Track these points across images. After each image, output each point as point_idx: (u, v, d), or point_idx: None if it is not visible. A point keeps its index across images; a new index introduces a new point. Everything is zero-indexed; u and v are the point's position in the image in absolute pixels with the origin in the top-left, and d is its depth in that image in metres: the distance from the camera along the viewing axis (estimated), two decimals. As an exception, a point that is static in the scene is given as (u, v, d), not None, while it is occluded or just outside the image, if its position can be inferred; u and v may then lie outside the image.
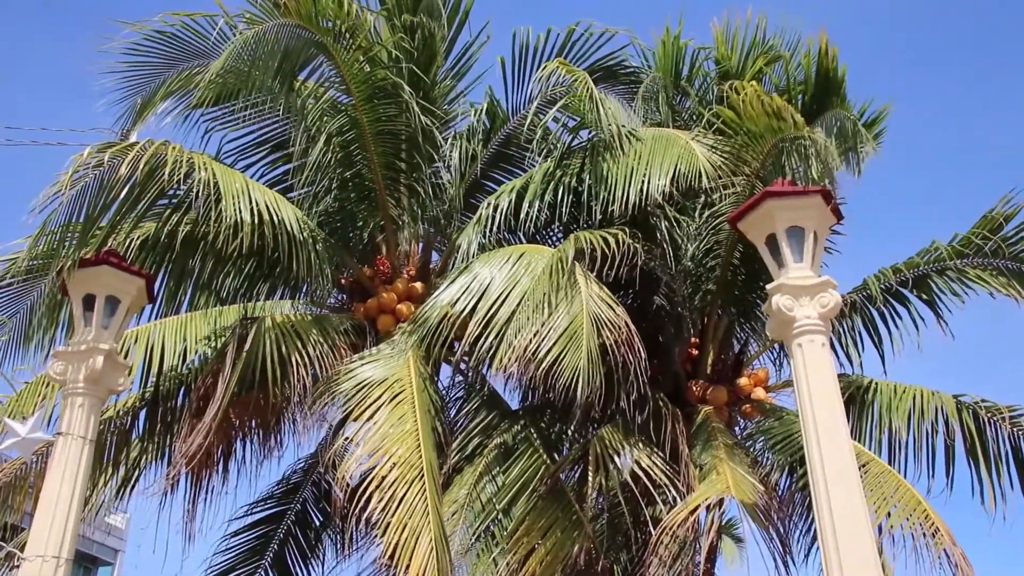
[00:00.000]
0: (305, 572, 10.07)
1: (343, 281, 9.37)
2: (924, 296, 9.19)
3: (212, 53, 8.19)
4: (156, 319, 8.87)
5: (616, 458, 8.22)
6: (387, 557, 7.00)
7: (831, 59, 9.03)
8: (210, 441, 8.05)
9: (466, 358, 8.86)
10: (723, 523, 9.87)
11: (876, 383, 9.07)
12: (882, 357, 9.42)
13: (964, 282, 8.97)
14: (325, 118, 8.96)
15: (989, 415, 8.61)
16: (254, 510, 10.02)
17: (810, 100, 9.11)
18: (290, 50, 8.34)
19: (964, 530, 8.69)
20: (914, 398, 8.79)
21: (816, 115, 8.92)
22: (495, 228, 8.73)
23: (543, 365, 7.30)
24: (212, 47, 8.22)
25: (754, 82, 8.33)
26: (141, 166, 6.91)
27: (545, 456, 8.59)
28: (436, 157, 9.43)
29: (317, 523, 10.11)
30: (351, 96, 8.73)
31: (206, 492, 9.26)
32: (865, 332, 9.51)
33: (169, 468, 8.76)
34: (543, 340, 7.40)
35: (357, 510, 7.13)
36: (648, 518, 8.09)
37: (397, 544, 6.85)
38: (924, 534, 7.60)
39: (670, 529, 7.32)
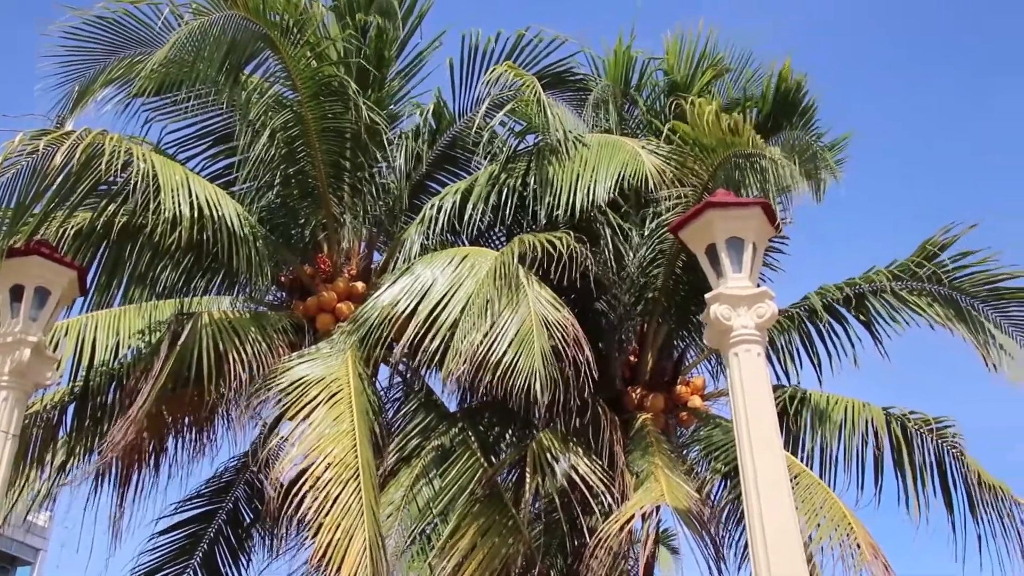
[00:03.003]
0: (235, 572, 9.92)
1: (283, 279, 9.26)
2: (861, 317, 9.37)
3: (156, 42, 8.05)
4: (88, 312, 8.67)
5: (554, 463, 8.23)
6: (319, 558, 6.91)
7: (795, 83, 9.13)
8: (141, 437, 7.90)
9: (406, 359, 8.82)
10: (659, 532, 9.93)
11: (809, 394, 9.21)
12: (818, 371, 9.59)
13: (899, 308, 9.18)
14: (270, 113, 8.85)
15: (916, 427, 8.79)
16: (184, 508, 9.84)
17: (764, 117, 9.19)
18: (237, 42, 8.22)
19: (892, 534, 8.87)
20: (845, 410, 8.94)
21: (771, 132, 9.05)
22: (438, 229, 8.72)
23: (497, 370, 7.29)
24: (156, 35, 8.08)
25: (714, 101, 8.41)
26: (78, 155, 6.75)
27: (483, 459, 8.58)
28: (381, 157, 9.38)
29: (249, 522, 9.97)
30: (297, 92, 8.65)
31: (136, 489, 9.10)
32: (803, 347, 9.66)
33: (95, 462, 8.57)
34: (494, 344, 7.40)
35: (291, 510, 7.05)
36: (584, 526, 8.12)
37: (330, 544, 6.78)
38: (848, 547, 7.74)
39: (605, 540, 7.35)
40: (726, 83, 9.51)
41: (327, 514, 6.92)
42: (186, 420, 9.17)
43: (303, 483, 7.06)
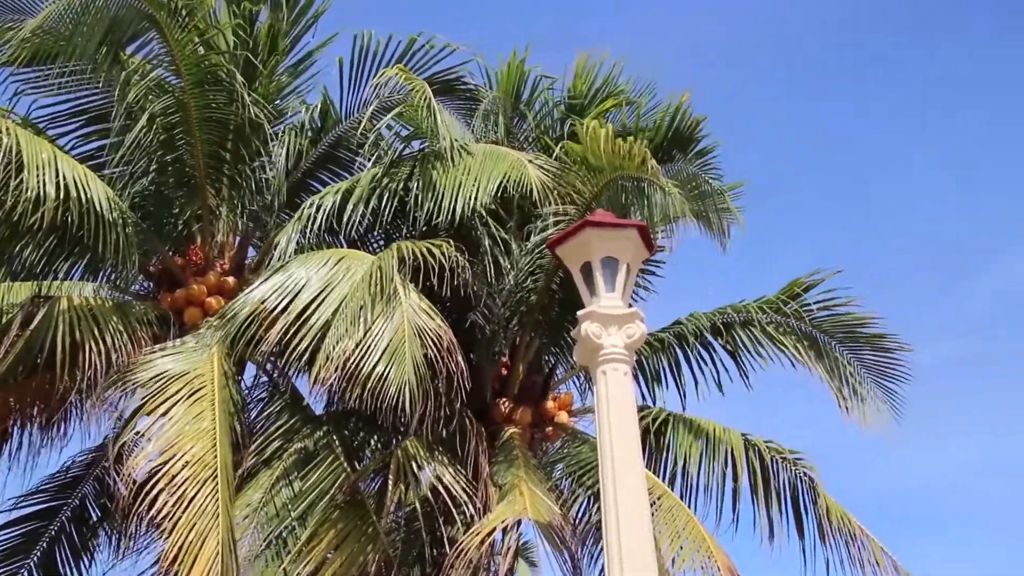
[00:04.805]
0: (75, 573, 9.46)
1: (151, 268, 8.96)
2: (728, 346, 9.65)
3: (31, 10, 7.73)
4: (-65, 289, 8.21)
5: (419, 471, 8.18)
6: (170, 559, 6.68)
7: (693, 121, 9.31)
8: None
9: (273, 359, 8.64)
10: (519, 545, 9.97)
11: (673, 416, 9.41)
12: (683, 396, 9.82)
13: (764, 342, 9.50)
14: (150, 97, 8.57)
15: (772, 456, 9.07)
16: (24, 503, 9.33)
17: (655, 147, 9.34)
18: (119, 19, 7.97)
19: (748, 558, 9.12)
20: (707, 434, 9.16)
21: (661, 163, 9.20)
22: (316, 228, 8.57)
23: (368, 381, 7.19)
24: (31, 3, 7.74)
25: (608, 125, 8.54)
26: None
27: (346, 464, 8.45)
28: (263, 152, 9.18)
29: (96, 521, 9.53)
30: (181, 78, 8.42)
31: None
32: (670, 370, 9.87)
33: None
34: (366, 353, 7.30)
35: (143, 508, 6.80)
36: (445, 536, 8.08)
37: (182, 546, 6.57)
38: (708, 569, 7.94)
39: (465, 551, 7.33)
40: (623, 112, 9.67)
41: (181, 514, 6.71)
42: (34, 410, 8.74)
43: (157, 481, 6.82)
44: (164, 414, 7.34)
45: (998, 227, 23.16)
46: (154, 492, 6.80)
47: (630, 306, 6.40)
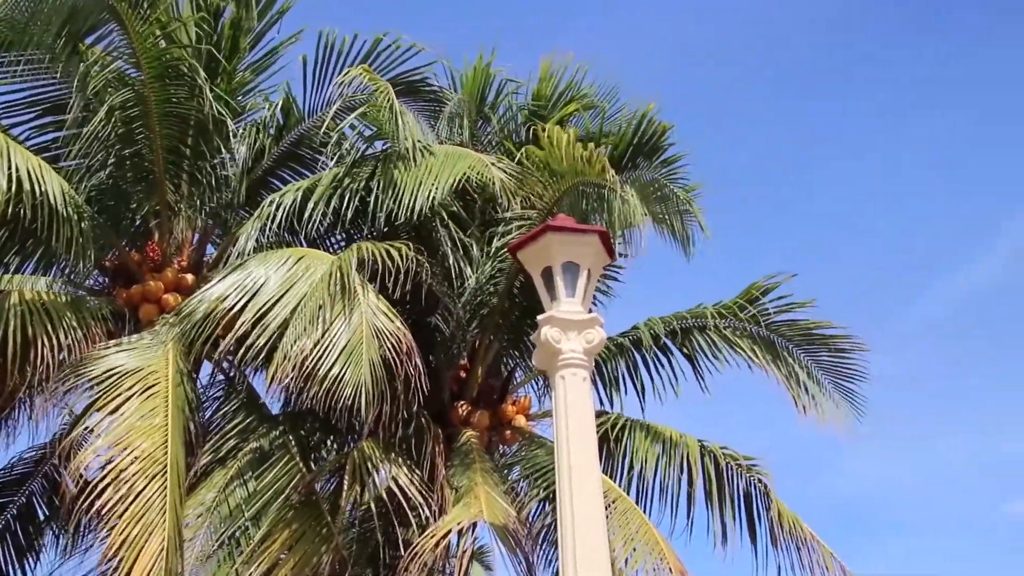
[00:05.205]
0: (19, 572, 9.28)
1: (107, 263, 8.84)
2: (685, 350, 9.71)
3: (-14, -2, 7.56)
4: None
5: (375, 473, 8.15)
6: (112, 551, 6.57)
7: (660, 128, 9.29)
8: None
9: (230, 357, 8.55)
10: (475, 549, 9.96)
11: (631, 421, 9.45)
12: (642, 400, 9.86)
13: (721, 346, 9.57)
14: (110, 89, 8.45)
15: (727, 462, 9.15)
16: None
17: (619, 154, 9.38)
18: (78, 9, 7.87)
19: (701, 562, 9.21)
20: (664, 440, 9.22)
21: (625, 169, 9.26)
22: (276, 227, 8.50)
23: (326, 380, 7.14)
24: (-13, -10, 7.59)
25: (571, 129, 8.55)
26: None
27: (302, 464, 8.39)
28: (224, 148, 9.08)
29: (43, 519, 9.36)
30: (141, 71, 8.30)
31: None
32: (628, 375, 9.92)
33: None
34: (323, 352, 7.25)
35: (89, 504, 6.69)
36: (400, 538, 8.06)
37: (125, 539, 6.47)
38: (660, 572, 7.99)
39: (420, 554, 7.31)
40: (585, 117, 9.69)
41: (127, 508, 6.61)
42: (-19, 406, 8.58)
43: (105, 476, 6.72)
44: (116, 410, 7.24)
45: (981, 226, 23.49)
46: (101, 486, 6.70)
47: (590, 312, 6.42)
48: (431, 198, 8.11)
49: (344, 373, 7.17)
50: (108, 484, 6.67)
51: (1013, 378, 23.95)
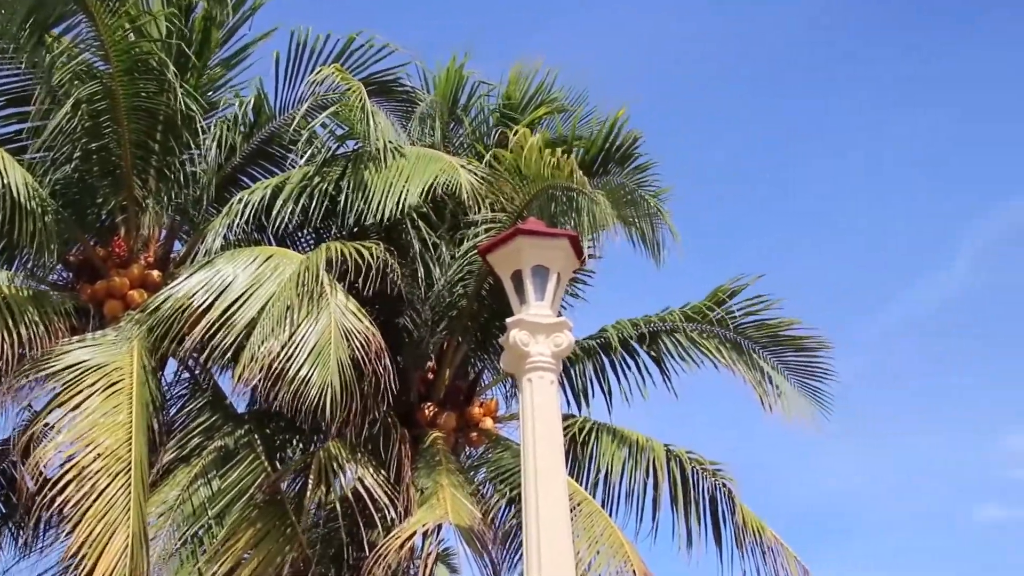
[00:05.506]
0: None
1: (71, 258, 8.73)
2: (653, 353, 9.77)
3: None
4: None
5: (340, 473, 8.13)
6: (74, 550, 6.49)
7: (630, 136, 9.33)
8: None
9: (196, 355, 8.48)
10: (440, 550, 9.94)
11: (598, 425, 9.49)
12: (609, 403, 9.91)
13: (688, 348, 9.65)
14: (76, 82, 8.36)
15: (693, 466, 9.21)
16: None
17: (590, 159, 9.41)
18: (46, -1, 7.74)
19: (666, 566, 9.25)
20: (631, 444, 9.27)
21: (595, 175, 9.30)
22: (245, 224, 8.45)
23: (294, 381, 7.10)
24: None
25: (540, 131, 8.56)
26: None
27: (267, 464, 8.37)
28: (194, 144, 9.00)
29: (0, 517, 9.23)
30: (110, 64, 8.19)
31: None
32: (596, 378, 9.96)
33: None
34: (292, 353, 7.21)
35: (50, 501, 6.61)
36: (364, 539, 8.03)
37: (88, 538, 6.39)
38: (624, 575, 8.03)
39: (385, 555, 7.29)
40: (556, 120, 9.71)
41: (90, 506, 6.53)
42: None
43: (66, 472, 6.64)
44: (78, 406, 7.16)
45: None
46: (62, 483, 6.61)
47: (559, 315, 6.43)
48: (401, 202, 8.09)
49: (313, 374, 7.13)
50: (70, 481, 6.58)
51: (997, 376, 24.20)
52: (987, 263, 23.68)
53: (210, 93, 9.35)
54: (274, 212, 8.51)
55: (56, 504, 6.57)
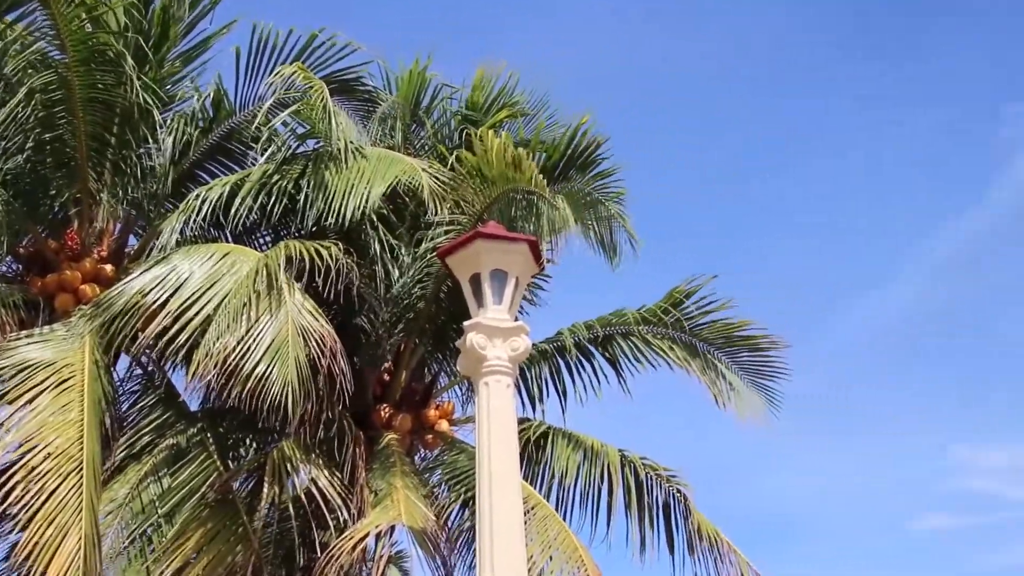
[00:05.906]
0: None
1: (21, 250, 8.59)
2: (608, 354, 9.82)
3: None
4: None
5: (294, 473, 8.07)
6: (24, 554, 6.37)
7: (594, 141, 9.34)
8: None
9: (149, 351, 8.37)
10: (392, 553, 9.91)
11: (554, 429, 9.51)
12: (564, 406, 9.94)
13: (645, 350, 9.71)
14: (30, 71, 8.23)
15: (647, 472, 9.27)
16: None
17: (553, 164, 9.41)
18: (-2, -16, 7.59)
19: (620, 571, 9.29)
20: (585, 449, 9.29)
21: (558, 179, 9.32)
22: (202, 220, 8.35)
23: (249, 379, 7.03)
24: None
25: (503, 133, 8.56)
26: None
27: (219, 463, 8.29)
28: (151, 138, 8.89)
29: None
30: (66, 54, 8.06)
31: None
32: (552, 381, 9.98)
33: None
34: (247, 350, 7.14)
35: None
36: (317, 540, 7.99)
37: (38, 541, 6.28)
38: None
39: (337, 556, 7.25)
40: (519, 125, 9.71)
41: (40, 508, 6.41)
42: None
43: (14, 473, 6.51)
44: (28, 403, 7.02)
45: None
46: (11, 484, 6.49)
47: (516, 319, 6.45)
48: (361, 205, 8.05)
49: (270, 371, 7.07)
50: (18, 481, 6.45)
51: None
52: (942, 279, 23.93)
53: (169, 87, 9.23)
54: (232, 209, 8.42)
55: (4, 505, 6.44)
